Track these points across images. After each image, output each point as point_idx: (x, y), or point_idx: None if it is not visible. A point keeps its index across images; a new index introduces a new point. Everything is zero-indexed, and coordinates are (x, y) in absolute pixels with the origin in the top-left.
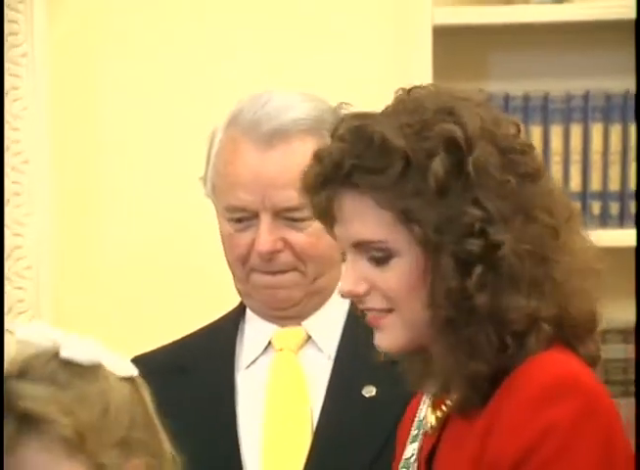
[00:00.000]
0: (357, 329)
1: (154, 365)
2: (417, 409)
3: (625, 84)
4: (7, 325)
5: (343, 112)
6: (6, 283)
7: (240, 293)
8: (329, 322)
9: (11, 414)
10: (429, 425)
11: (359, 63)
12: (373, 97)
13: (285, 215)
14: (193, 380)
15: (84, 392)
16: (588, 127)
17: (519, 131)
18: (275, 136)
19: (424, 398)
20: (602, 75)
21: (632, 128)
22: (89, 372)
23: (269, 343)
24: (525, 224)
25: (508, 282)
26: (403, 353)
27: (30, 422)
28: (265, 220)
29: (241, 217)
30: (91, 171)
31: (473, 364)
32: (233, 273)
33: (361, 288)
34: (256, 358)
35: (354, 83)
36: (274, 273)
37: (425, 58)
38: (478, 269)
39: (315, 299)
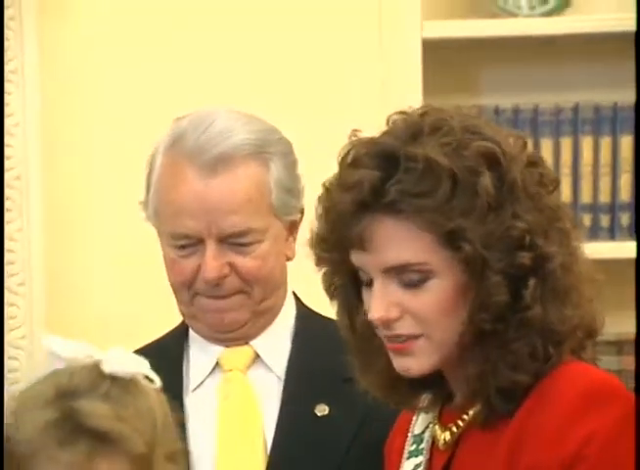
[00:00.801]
0: (305, 348)
1: None
2: (408, 425)
3: (614, 97)
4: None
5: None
6: None
7: (184, 315)
8: (276, 341)
9: (81, 433)
10: (441, 440)
11: (348, 77)
12: (363, 111)
13: (230, 241)
14: None
15: (137, 407)
16: (578, 140)
17: (525, 145)
18: (219, 162)
19: (416, 414)
20: (591, 88)
21: (622, 140)
22: (132, 386)
23: (216, 363)
24: (558, 235)
25: (556, 293)
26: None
27: (103, 440)
28: (211, 247)
29: (186, 244)
30: (82, 187)
31: (514, 375)
32: (177, 297)
33: (393, 313)
34: (204, 380)
35: (343, 97)
36: (220, 297)
37: (414, 71)
38: (531, 282)
39: (262, 320)
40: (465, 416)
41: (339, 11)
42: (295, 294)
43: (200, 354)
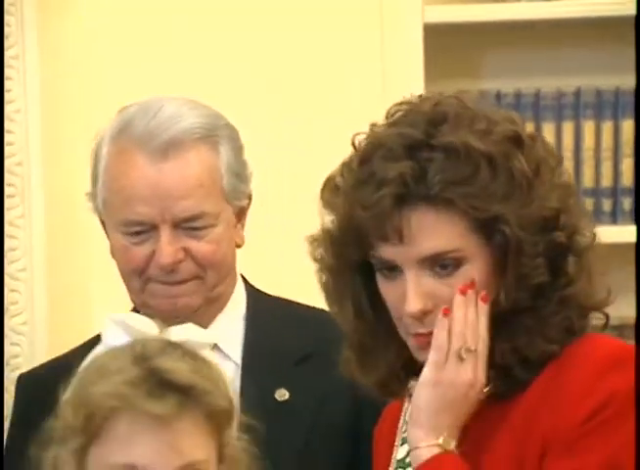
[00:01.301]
0: (258, 332)
1: (42, 382)
2: (398, 412)
3: (616, 81)
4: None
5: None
6: None
7: (135, 304)
8: (230, 328)
9: (168, 388)
10: None
11: (350, 62)
12: (365, 97)
13: (184, 225)
14: None
15: (210, 369)
16: (580, 124)
17: (523, 124)
18: (170, 147)
19: (407, 401)
20: (593, 72)
21: (624, 125)
22: (198, 354)
23: None
24: (580, 213)
25: (588, 269)
26: None
27: (189, 395)
28: (165, 232)
29: (139, 231)
30: (83, 174)
31: (548, 347)
32: (127, 286)
33: (429, 305)
34: None
35: (345, 84)
36: (175, 283)
37: (416, 56)
38: (571, 259)
39: (214, 306)
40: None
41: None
42: (243, 276)
43: None
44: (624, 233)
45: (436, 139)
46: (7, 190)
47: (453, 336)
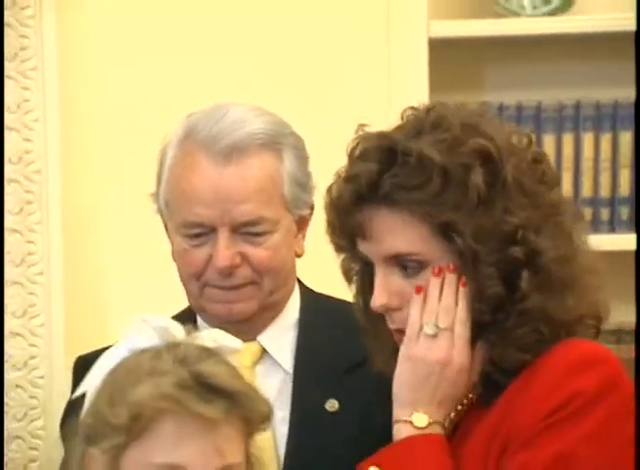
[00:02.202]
0: (310, 340)
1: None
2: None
3: (615, 94)
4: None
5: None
6: (18, 288)
7: (193, 308)
8: (282, 335)
9: (216, 392)
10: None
11: (357, 74)
12: (370, 108)
13: (242, 230)
14: None
15: (242, 375)
16: (579, 136)
17: (531, 142)
18: (234, 151)
19: None
20: (592, 86)
21: (622, 136)
22: (227, 360)
23: None
24: (555, 230)
25: (553, 285)
26: None
27: (236, 400)
28: (223, 235)
29: (198, 233)
30: (100, 180)
31: (522, 356)
32: (186, 289)
33: (394, 301)
34: None
35: (351, 94)
36: (231, 288)
37: (421, 69)
38: (525, 274)
39: (269, 313)
40: (465, 401)
41: (348, 10)
42: (299, 281)
43: None
44: (622, 241)
45: (401, 145)
46: (26, 197)
47: (424, 313)
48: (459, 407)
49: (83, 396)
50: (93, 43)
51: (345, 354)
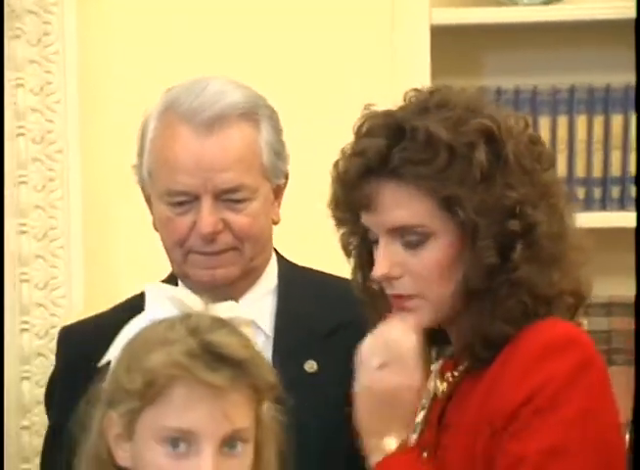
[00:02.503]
0: (289, 305)
1: (82, 335)
2: (427, 381)
3: (607, 79)
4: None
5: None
6: (41, 261)
7: (177, 275)
8: (262, 301)
9: (223, 361)
10: (440, 390)
11: (362, 60)
12: (375, 93)
13: (224, 197)
14: None
15: (255, 347)
16: (573, 118)
17: (527, 125)
18: (215, 122)
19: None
20: (586, 71)
21: (613, 119)
22: (240, 330)
23: None
24: (549, 208)
25: (543, 259)
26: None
27: (242, 369)
28: (207, 203)
29: (181, 201)
30: (118, 159)
31: (505, 327)
32: (170, 256)
33: (395, 272)
34: None
35: (357, 80)
36: (213, 253)
37: (423, 55)
38: (519, 246)
39: (249, 278)
40: (460, 367)
41: (356, 1)
42: (276, 250)
43: None
44: (613, 219)
45: (409, 123)
46: (48, 174)
47: (375, 347)
48: (450, 379)
49: (108, 364)
50: (111, 29)
51: (323, 320)
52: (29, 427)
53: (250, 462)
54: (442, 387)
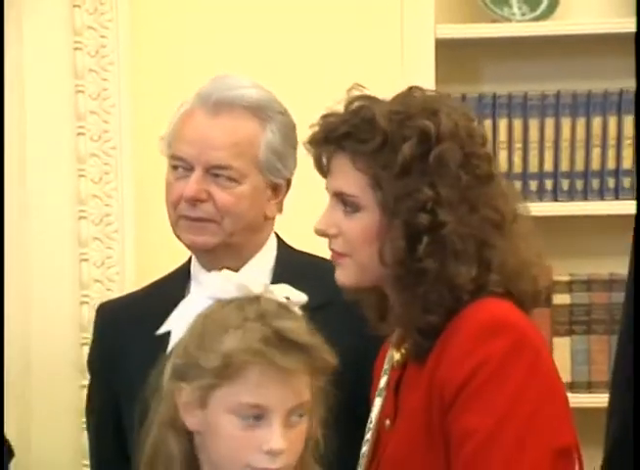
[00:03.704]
0: (282, 280)
1: (114, 313)
2: (388, 347)
3: (589, 86)
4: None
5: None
6: (98, 243)
7: (174, 234)
8: (257, 274)
9: (293, 346)
10: (395, 360)
11: (373, 71)
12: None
13: (213, 172)
14: (148, 329)
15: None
16: (559, 120)
17: (485, 142)
18: (223, 107)
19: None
20: (570, 79)
21: (594, 121)
22: (298, 313)
23: None
24: (468, 213)
25: (452, 254)
26: (359, 292)
27: (309, 354)
28: (197, 173)
29: (179, 166)
30: (164, 157)
31: (426, 317)
32: (169, 218)
33: (331, 230)
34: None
35: (370, 88)
36: (195, 219)
37: (428, 66)
38: (425, 239)
39: (231, 252)
40: (398, 355)
41: (366, 15)
42: (277, 235)
43: (194, 285)
44: (593, 207)
45: (368, 107)
46: (104, 168)
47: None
48: (395, 362)
49: (168, 333)
50: (161, 42)
51: (314, 294)
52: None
53: (305, 429)
54: (397, 357)
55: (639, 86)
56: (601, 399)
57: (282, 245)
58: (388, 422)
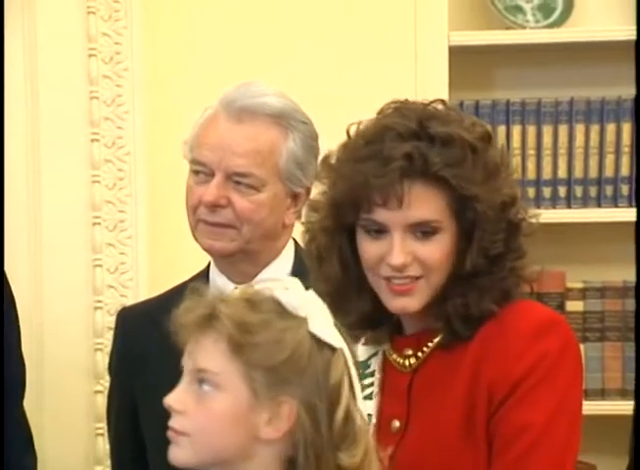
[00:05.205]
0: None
1: (135, 318)
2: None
3: (602, 92)
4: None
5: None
6: (111, 249)
7: (194, 238)
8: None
9: (324, 345)
10: (402, 364)
11: (389, 77)
12: None
13: (234, 179)
14: (168, 334)
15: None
16: (573, 127)
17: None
18: (245, 114)
19: (361, 343)
20: (584, 86)
21: (608, 128)
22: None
23: None
24: (518, 208)
25: (523, 250)
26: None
27: (334, 350)
28: (217, 179)
29: (200, 170)
30: (178, 161)
31: (492, 306)
32: (189, 222)
33: (408, 260)
34: None
35: (384, 95)
36: (214, 224)
37: (443, 72)
38: (519, 239)
39: (249, 258)
40: (430, 344)
41: (381, 23)
42: (296, 242)
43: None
44: (607, 214)
45: (433, 129)
46: (118, 174)
47: None
48: (425, 349)
49: None
50: (175, 49)
51: None
52: (102, 391)
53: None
54: (409, 361)
55: (639, 92)
56: (614, 407)
57: (300, 252)
58: (397, 424)
